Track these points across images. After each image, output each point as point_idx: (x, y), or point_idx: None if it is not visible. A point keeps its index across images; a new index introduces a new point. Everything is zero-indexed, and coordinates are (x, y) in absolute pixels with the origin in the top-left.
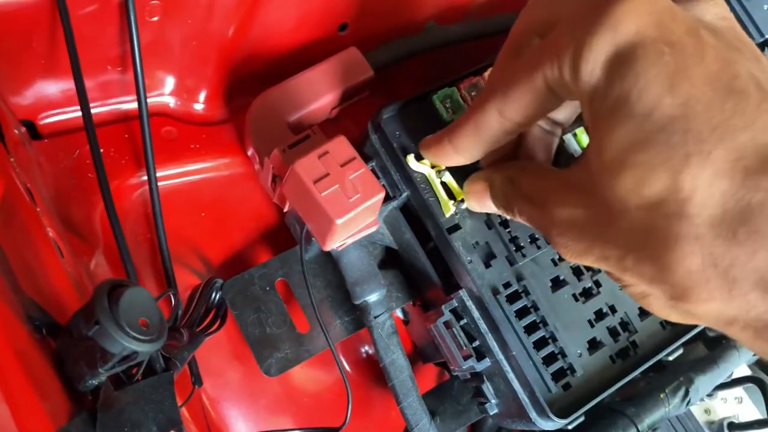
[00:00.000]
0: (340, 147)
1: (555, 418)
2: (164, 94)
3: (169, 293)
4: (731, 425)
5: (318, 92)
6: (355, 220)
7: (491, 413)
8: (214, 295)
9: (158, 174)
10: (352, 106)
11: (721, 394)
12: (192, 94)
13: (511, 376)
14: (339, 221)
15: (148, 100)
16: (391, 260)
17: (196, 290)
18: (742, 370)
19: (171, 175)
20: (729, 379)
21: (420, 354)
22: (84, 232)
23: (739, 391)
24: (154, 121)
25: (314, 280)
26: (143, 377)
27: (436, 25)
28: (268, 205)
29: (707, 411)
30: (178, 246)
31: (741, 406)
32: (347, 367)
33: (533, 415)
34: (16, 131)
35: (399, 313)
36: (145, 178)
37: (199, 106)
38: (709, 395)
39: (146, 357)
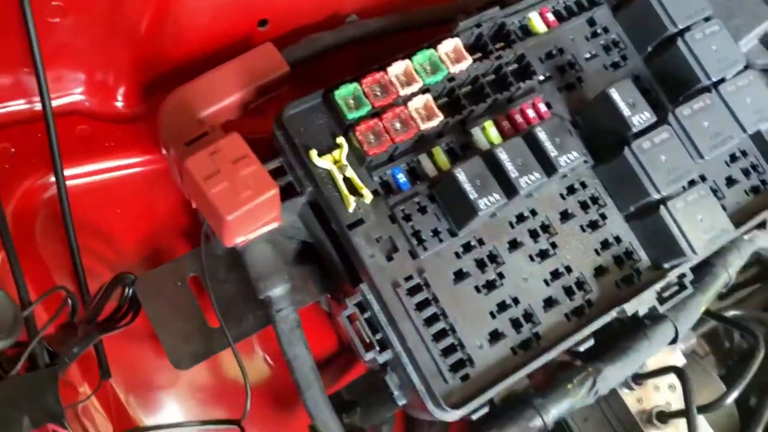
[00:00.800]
0: (233, 144)
1: (448, 408)
2: (77, 93)
3: (58, 290)
4: (660, 414)
5: (230, 88)
6: (249, 216)
7: (400, 404)
8: (127, 290)
9: (72, 172)
10: (279, 100)
11: (653, 382)
12: (109, 92)
13: (409, 368)
14: (229, 217)
15: (61, 100)
16: (310, 254)
17: (102, 286)
18: (672, 359)
19: (85, 173)
20: (645, 370)
21: (345, 346)
22: None
23: (671, 378)
24: (68, 120)
25: (227, 275)
26: (27, 371)
27: (358, 19)
28: (184, 201)
29: (639, 400)
30: (93, 242)
31: (675, 394)
32: (270, 360)
33: (430, 405)
34: None
35: (325, 306)
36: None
37: (118, 104)
38: (639, 384)
39: None
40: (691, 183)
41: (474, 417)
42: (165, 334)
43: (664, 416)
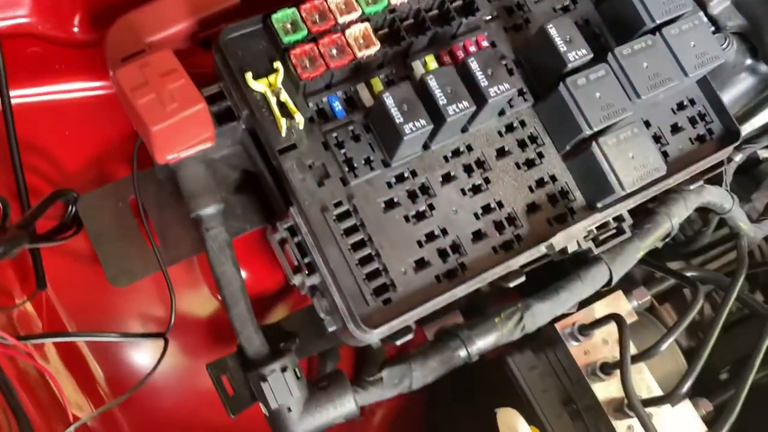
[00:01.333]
0: (164, 59)
1: (367, 329)
2: (27, 16)
3: None
4: (603, 365)
5: (176, 17)
6: (176, 130)
7: (330, 330)
8: (70, 207)
9: (21, 92)
10: None
11: (601, 335)
12: (65, 17)
13: (332, 289)
14: (154, 128)
15: (11, 21)
16: (253, 184)
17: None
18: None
19: (35, 93)
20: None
21: None
22: None
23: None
24: (20, 41)
25: (169, 199)
26: None
27: None
28: (133, 127)
29: (587, 352)
30: (38, 162)
31: None
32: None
33: (351, 326)
34: None
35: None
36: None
37: (75, 29)
38: (586, 335)
39: None
40: None
41: (397, 343)
42: (104, 252)
43: (608, 367)
